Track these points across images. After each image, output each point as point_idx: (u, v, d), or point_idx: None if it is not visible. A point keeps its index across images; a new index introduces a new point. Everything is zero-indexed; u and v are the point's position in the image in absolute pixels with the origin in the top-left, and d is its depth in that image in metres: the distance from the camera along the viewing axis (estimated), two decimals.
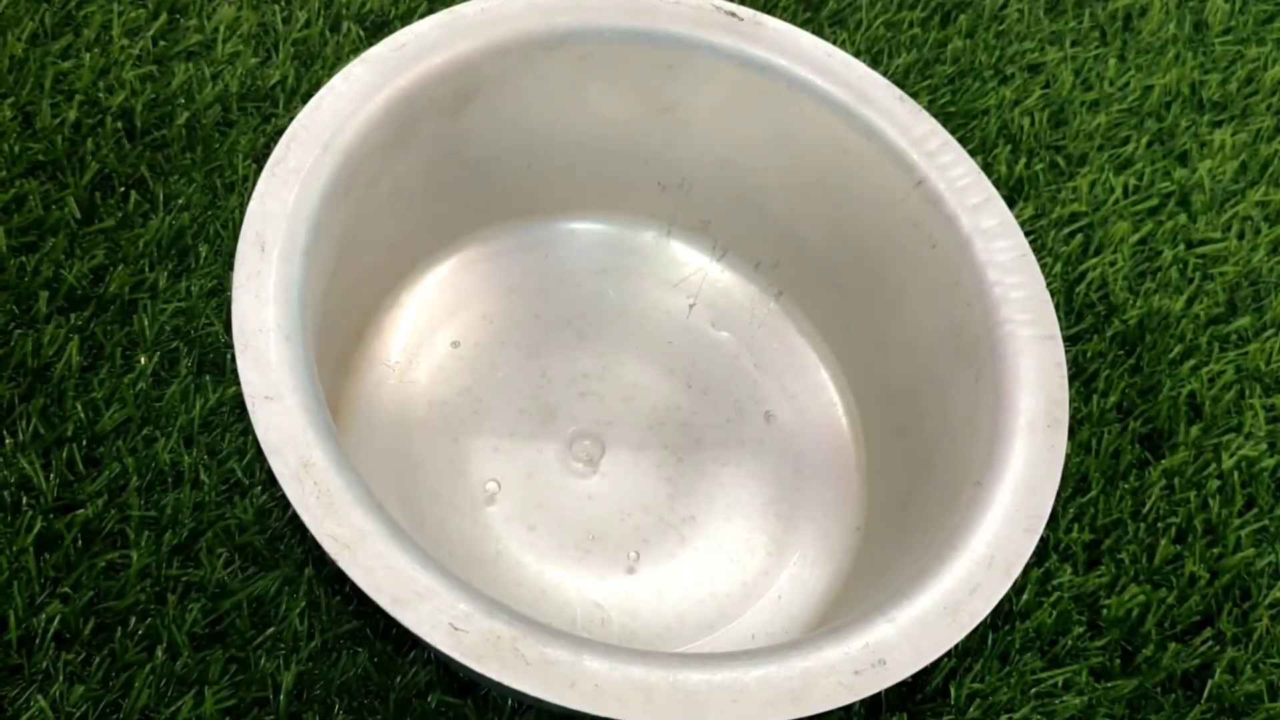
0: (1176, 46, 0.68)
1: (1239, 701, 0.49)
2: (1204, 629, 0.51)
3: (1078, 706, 0.48)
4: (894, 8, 0.67)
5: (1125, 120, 0.65)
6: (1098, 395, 0.56)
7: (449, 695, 0.46)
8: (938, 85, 0.64)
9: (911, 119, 0.50)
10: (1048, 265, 0.59)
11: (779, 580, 0.51)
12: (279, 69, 0.59)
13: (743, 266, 0.58)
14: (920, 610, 0.40)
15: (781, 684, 0.38)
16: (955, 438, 0.47)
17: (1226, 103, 0.67)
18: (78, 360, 0.50)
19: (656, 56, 0.51)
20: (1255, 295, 0.60)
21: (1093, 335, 0.58)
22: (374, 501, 0.39)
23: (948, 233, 0.49)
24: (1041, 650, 0.50)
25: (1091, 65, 0.67)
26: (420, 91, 0.47)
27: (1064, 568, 0.51)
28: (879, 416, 0.54)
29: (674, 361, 0.55)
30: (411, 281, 0.54)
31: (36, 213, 0.53)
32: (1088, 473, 0.54)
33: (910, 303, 0.51)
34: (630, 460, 0.52)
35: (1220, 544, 0.53)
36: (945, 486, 0.46)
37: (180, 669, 0.45)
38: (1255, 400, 0.57)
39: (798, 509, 0.52)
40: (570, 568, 0.49)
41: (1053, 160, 0.63)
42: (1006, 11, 0.68)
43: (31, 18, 0.58)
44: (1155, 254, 0.61)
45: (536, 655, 0.37)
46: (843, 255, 0.54)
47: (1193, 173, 0.64)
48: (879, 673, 0.39)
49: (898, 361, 0.53)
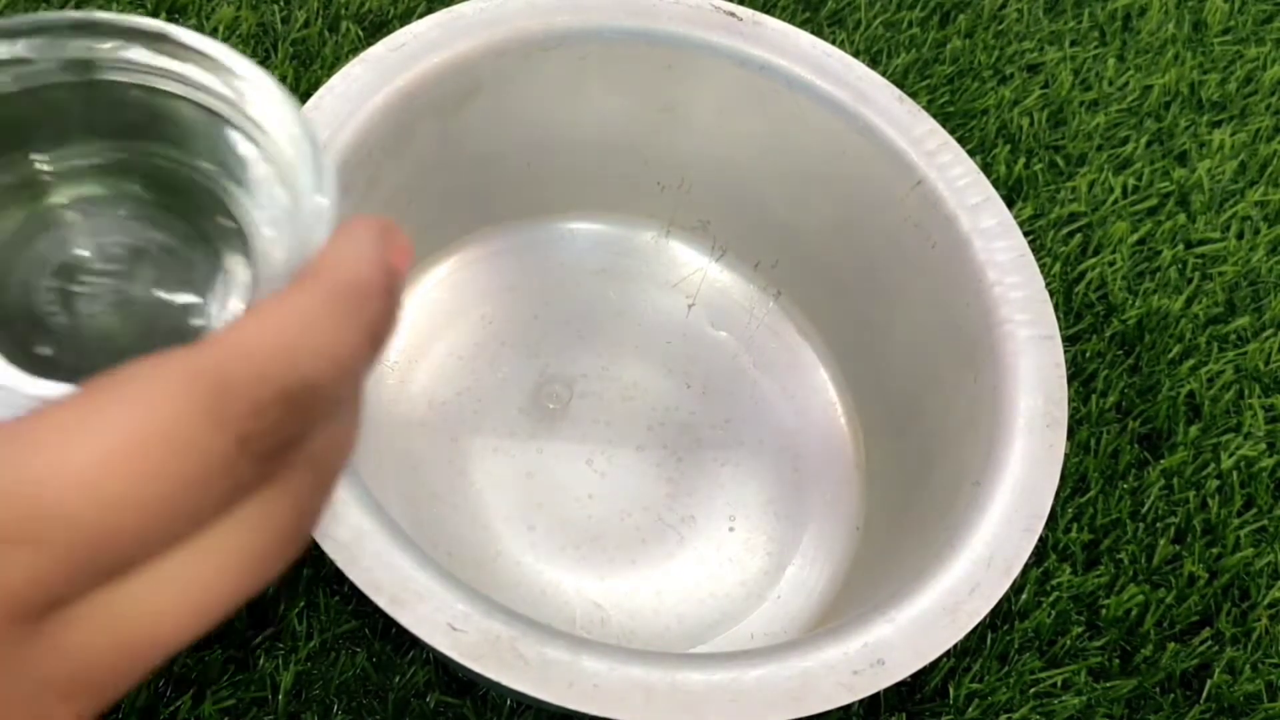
0: (1175, 46, 0.68)
1: (1238, 701, 0.49)
2: (1203, 629, 0.51)
3: (1076, 706, 0.48)
4: (893, 8, 0.67)
5: (1124, 120, 0.65)
6: (1097, 395, 0.56)
7: (448, 695, 0.46)
8: (937, 85, 0.64)
9: (910, 119, 0.50)
10: (1047, 265, 0.59)
11: (778, 580, 0.51)
12: (278, 69, 0.59)
13: (742, 266, 0.58)
14: (919, 610, 0.40)
15: (780, 684, 0.38)
16: (954, 437, 0.47)
17: (1225, 102, 0.67)
18: None
19: (656, 56, 0.51)
20: (1254, 295, 0.60)
21: (1092, 335, 0.58)
22: (373, 501, 0.39)
23: (947, 233, 0.49)
24: (1040, 650, 0.50)
25: (1090, 65, 0.67)
26: (419, 91, 0.47)
27: (1063, 568, 0.51)
28: (878, 416, 0.54)
29: (673, 361, 0.55)
30: (411, 281, 0.54)
31: None
32: (1087, 473, 0.54)
33: (909, 303, 0.51)
34: (630, 460, 0.52)
35: (1219, 544, 0.53)
36: (944, 486, 0.46)
37: (179, 669, 0.45)
38: (1254, 400, 0.57)
39: (797, 509, 0.52)
40: (570, 568, 0.50)
41: (1052, 160, 0.63)
42: (1005, 11, 0.68)
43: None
44: (1154, 254, 0.61)
45: (535, 655, 0.37)
46: (842, 255, 0.54)
47: (1192, 173, 0.64)
48: (878, 673, 0.39)
49: (897, 361, 0.53)
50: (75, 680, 0.22)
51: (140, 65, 0.29)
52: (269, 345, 0.22)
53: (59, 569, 0.21)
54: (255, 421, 0.22)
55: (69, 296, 0.28)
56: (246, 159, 0.29)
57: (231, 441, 0.21)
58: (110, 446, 0.20)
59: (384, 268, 0.25)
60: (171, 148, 0.30)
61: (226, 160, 0.30)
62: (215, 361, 0.22)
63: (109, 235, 0.30)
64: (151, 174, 0.30)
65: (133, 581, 0.22)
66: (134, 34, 0.28)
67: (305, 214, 0.27)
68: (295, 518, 0.24)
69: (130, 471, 0.20)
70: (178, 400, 0.21)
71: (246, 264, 0.29)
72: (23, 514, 0.20)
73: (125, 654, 0.22)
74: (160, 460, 0.21)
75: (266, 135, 0.29)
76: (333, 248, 0.25)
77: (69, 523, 0.20)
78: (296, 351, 0.22)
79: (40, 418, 0.21)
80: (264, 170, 0.29)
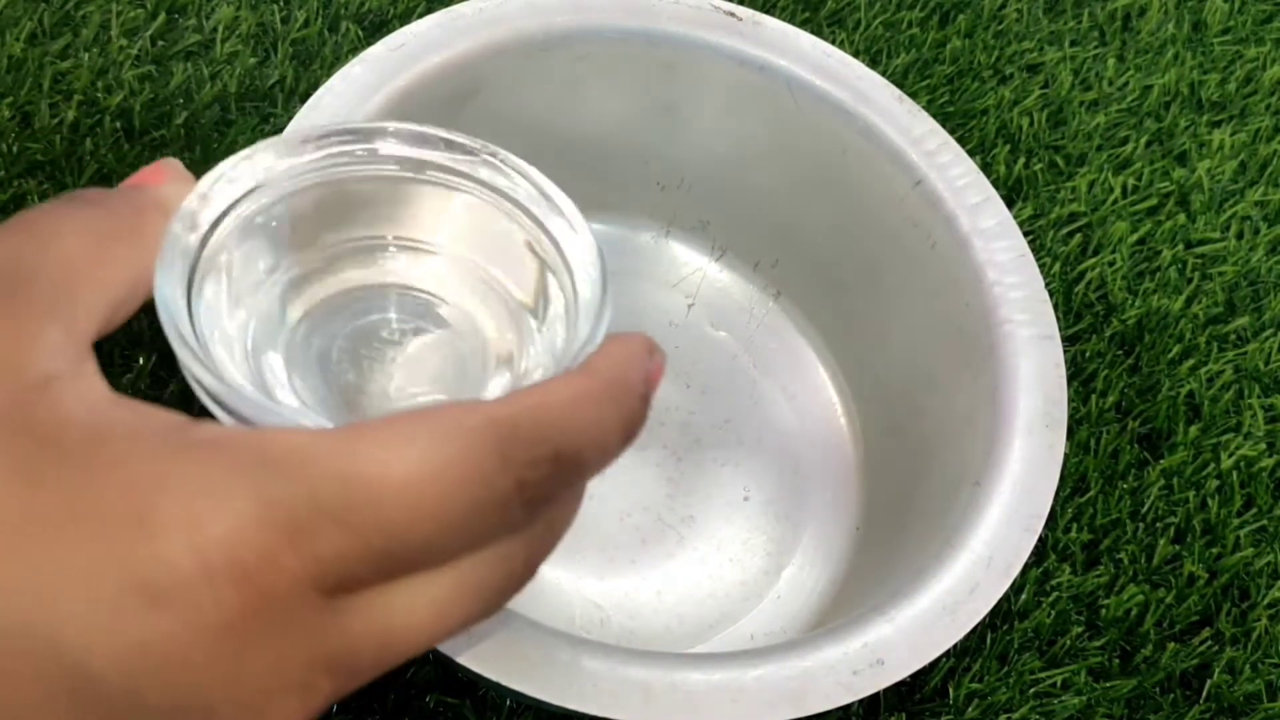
0: (1175, 46, 0.68)
1: (1238, 701, 0.49)
2: (1203, 629, 0.51)
3: (1076, 706, 0.48)
4: (892, 8, 0.67)
5: (1124, 120, 0.65)
6: (1096, 395, 0.56)
7: (447, 695, 0.46)
8: (936, 85, 0.64)
9: (910, 119, 0.50)
10: (1046, 265, 0.59)
11: (778, 580, 0.51)
12: (277, 69, 0.59)
13: (742, 266, 0.58)
14: (919, 610, 0.40)
15: (780, 684, 0.38)
16: (954, 438, 0.47)
17: (1225, 103, 0.67)
18: None
19: (656, 56, 0.51)
20: (1254, 295, 0.60)
21: (1091, 335, 0.58)
22: None
23: (946, 232, 0.49)
24: (1040, 650, 0.50)
25: (1090, 65, 0.67)
26: (419, 91, 0.47)
27: (1063, 568, 0.51)
28: (878, 416, 0.54)
29: (673, 361, 0.55)
30: None
31: None
32: (1086, 473, 0.54)
33: (909, 302, 0.51)
34: (629, 460, 0.52)
35: (1219, 544, 0.53)
36: (944, 486, 0.46)
37: None
38: (1254, 400, 0.57)
39: (797, 509, 0.52)
40: (569, 567, 0.49)
41: (1051, 160, 0.63)
42: (1005, 11, 0.68)
43: (30, 18, 0.58)
44: (1154, 254, 0.61)
45: (535, 655, 0.37)
46: (842, 255, 0.54)
47: (1191, 173, 0.64)
48: (877, 673, 0.39)
49: (896, 361, 0.53)
50: (339, 660, 0.25)
51: (477, 178, 0.33)
52: (552, 412, 0.26)
53: (362, 554, 0.23)
54: (531, 471, 0.25)
55: (360, 359, 0.32)
56: (549, 291, 0.33)
57: (512, 483, 0.25)
58: (422, 464, 0.24)
59: (645, 377, 0.29)
60: (479, 253, 0.34)
61: (522, 279, 0.33)
62: (510, 414, 0.25)
63: (405, 311, 0.34)
64: (458, 268, 0.34)
65: (403, 585, 0.25)
66: (476, 152, 0.33)
67: (578, 344, 0.30)
68: (523, 567, 0.27)
69: (434, 488, 0.24)
70: (476, 437, 0.24)
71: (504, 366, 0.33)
72: (348, 500, 0.23)
73: (383, 648, 0.25)
74: (456, 483, 0.24)
75: (571, 274, 0.32)
76: (609, 350, 0.29)
77: (380, 517, 0.23)
78: (571, 423, 0.26)
79: (365, 430, 0.24)
80: (558, 305, 0.32)
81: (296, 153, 0.31)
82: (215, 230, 0.30)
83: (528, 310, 0.33)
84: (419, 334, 0.33)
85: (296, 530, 0.23)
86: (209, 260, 0.30)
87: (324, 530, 0.23)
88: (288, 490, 0.23)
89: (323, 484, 0.23)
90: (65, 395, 0.25)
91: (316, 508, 0.23)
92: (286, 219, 0.32)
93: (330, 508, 0.23)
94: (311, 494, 0.23)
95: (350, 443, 0.24)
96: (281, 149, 0.31)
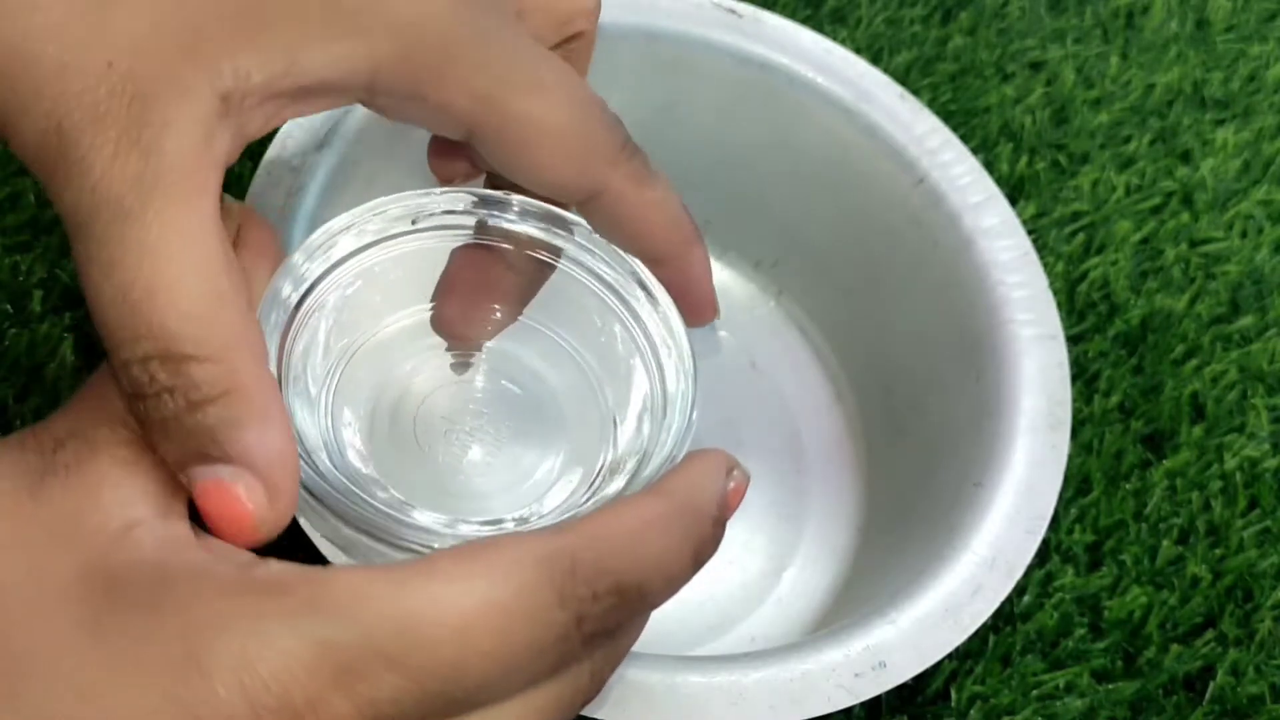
0: (1179, 44, 0.68)
1: (1242, 703, 0.49)
2: (1206, 631, 0.51)
3: (1079, 709, 0.48)
4: (895, 5, 0.66)
5: (1127, 118, 0.65)
6: (1100, 395, 0.56)
7: None
8: (939, 83, 0.64)
9: (912, 117, 0.50)
10: (1049, 264, 0.59)
11: (779, 582, 0.50)
12: None
13: (742, 266, 0.57)
14: (921, 612, 0.40)
15: (781, 686, 0.38)
16: (956, 438, 0.47)
17: (1229, 101, 0.67)
18: (72, 360, 0.50)
19: (655, 53, 0.51)
20: (1258, 294, 0.60)
21: (1095, 335, 0.58)
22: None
23: (949, 231, 0.49)
24: (1043, 652, 0.49)
25: (1093, 63, 0.67)
26: None
27: (1066, 569, 0.51)
28: (879, 416, 0.54)
29: None
30: None
31: (31, 211, 0.53)
32: (1089, 473, 0.53)
33: (911, 302, 0.51)
34: None
35: (1223, 545, 0.53)
36: (946, 487, 0.46)
37: None
38: (1258, 400, 0.57)
39: (798, 509, 0.52)
40: None
41: (1054, 159, 0.63)
42: (1008, 9, 0.68)
43: None
44: (1157, 253, 0.60)
45: None
46: (843, 254, 0.54)
47: (1195, 171, 0.63)
48: (879, 675, 0.39)
49: (898, 361, 0.52)
50: None
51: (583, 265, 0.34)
52: (615, 542, 0.26)
53: (418, 698, 0.24)
54: (591, 605, 0.25)
55: (435, 421, 0.33)
56: (637, 384, 0.34)
57: (571, 619, 0.25)
58: (477, 603, 0.24)
59: (721, 500, 0.29)
60: (575, 337, 0.35)
61: (616, 370, 0.34)
62: (569, 546, 0.25)
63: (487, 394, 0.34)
64: (548, 344, 0.35)
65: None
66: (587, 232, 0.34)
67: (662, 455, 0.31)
68: (581, 700, 0.28)
69: (489, 627, 0.24)
70: (531, 574, 0.24)
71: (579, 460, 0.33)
72: (404, 643, 0.24)
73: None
74: (512, 622, 0.24)
75: (661, 369, 0.34)
76: (686, 470, 0.29)
77: (436, 660, 0.24)
78: (635, 553, 0.26)
79: (421, 568, 0.24)
80: (641, 397, 0.33)
81: (398, 226, 0.33)
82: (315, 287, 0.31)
83: (610, 399, 0.33)
84: (500, 402, 0.34)
85: (347, 672, 0.23)
86: (303, 316, 0.31)
87: (377, 673, 0.23)
88: (342, 632, 0.23)
89: (378, 626, 0.23)
90: (145, 540, 0.26)
91: (371, 650, 0.23)
92: (381, 284, 0.33)
93: (385, 650, 0.23)
94: (366, 636, 0.23)
95: (405, 583, 0.24)
96: (383, 223, 0.33)
